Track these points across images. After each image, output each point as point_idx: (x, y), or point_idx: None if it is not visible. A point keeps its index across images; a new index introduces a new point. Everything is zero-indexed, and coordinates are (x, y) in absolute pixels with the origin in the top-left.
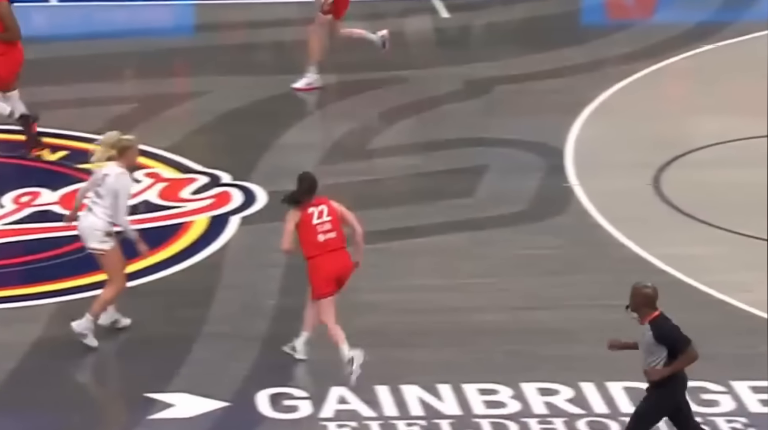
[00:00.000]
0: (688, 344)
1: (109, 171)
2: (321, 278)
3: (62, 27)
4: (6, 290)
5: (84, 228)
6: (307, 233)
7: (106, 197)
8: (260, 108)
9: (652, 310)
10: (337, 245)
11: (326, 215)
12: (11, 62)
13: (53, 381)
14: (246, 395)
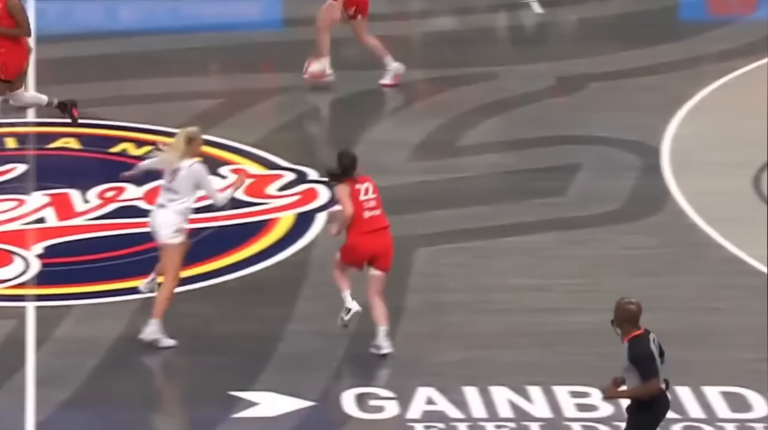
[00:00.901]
0: (651, 375)
1: (179, 164)
2: (354, 255)
3: (148, 21)
4: (90, 286)
5: (157, 224)
6: (354, 208)
7: (180, 191)
8: (348, 104)
9: (634, 328)
10: (381, 224)
11: (371, 192)
12: (17, 55)
13: (136, 377)
14: (331, 395)
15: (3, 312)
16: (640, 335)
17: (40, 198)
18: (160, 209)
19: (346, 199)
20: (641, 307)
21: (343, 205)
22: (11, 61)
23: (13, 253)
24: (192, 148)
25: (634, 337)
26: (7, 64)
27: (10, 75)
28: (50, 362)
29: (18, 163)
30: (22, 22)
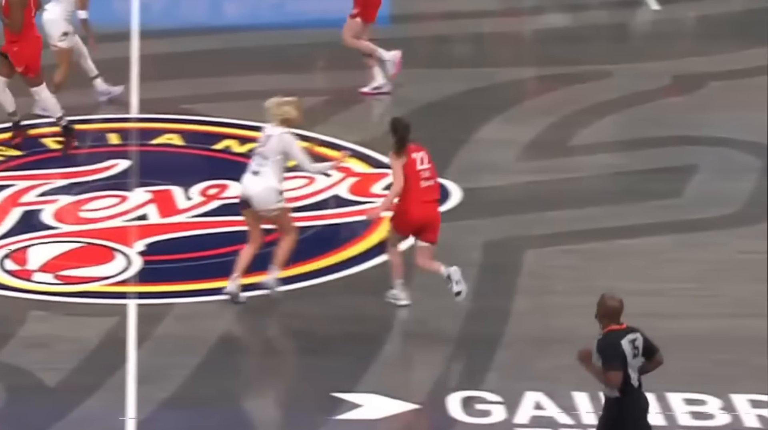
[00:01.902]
0: (610, 368)
1: (271, 132)
2: (406, 223)
3: (253, 17)
4: (192, 284)
5: (257, 193)
6: (410, 177)
7: (272, 158)
8: (456, 102)
9: (613, 322)
10: (434, 195)
11: (426, 162)
12: (28, 49)
13: (237, 377)
14: (437, 398)
15: (104, 310)
16: (616, 330)
17: (143, 195)
18: (255, 177)
19: (400, 170)
20: (623, 304)
21: (395, 176)
22: (29, 57)
23: (114, 250)
24: (291, 116)
25: (609, 331)
26: (28, 64)
27: (33, 71)
28: (151, 360)
29: (121, 160)
30: (14, 16)
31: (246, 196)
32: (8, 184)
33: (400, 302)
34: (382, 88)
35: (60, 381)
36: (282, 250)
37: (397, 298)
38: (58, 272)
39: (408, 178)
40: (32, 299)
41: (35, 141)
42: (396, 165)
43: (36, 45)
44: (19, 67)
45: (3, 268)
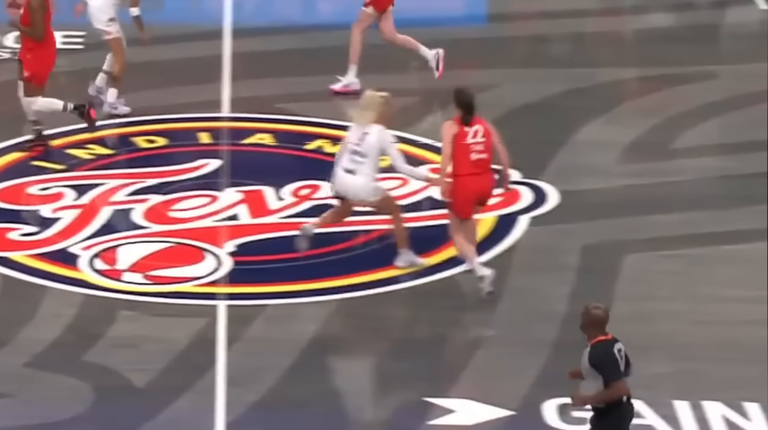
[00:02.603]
0: (616, 378)
1: (369, 129)
2: (464, 199)
3: (347, 15)
4: (283, 286)
5: (353, 190)
6: (460, 149)
7: (369, 155)
8: (554, 103)
9: (600, 333)
10: (485, 166)
11: (481, 135)
12: (42, 59)
13: (328, 381)
14: (532, 404)
15: (194, 310)
16: (606, 340)
17: (234, 195)
18: (350, 175)
19: (449, 140)
20: (608, 313)
21: (443, 145)
22: (39, 68)
23: (205, 250)
24: (384, 112)
25: (598, 341)
26: (35, 73)
27: (40, 82)
28: (241, 362)
29: (212, 159)
30: (35, 23)
31: (342, 193)
32: (98, 183)
33: (483, 272)
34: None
35: (149, 382)
36: (398, 231)
37: (477, 273)
38: (147, 272)
39: (457, 151)
40: (121, 299)
41: (125, 140)
42: (447, 133)
43: (49, 56)
44: (27, 73)
45: (92, 267)
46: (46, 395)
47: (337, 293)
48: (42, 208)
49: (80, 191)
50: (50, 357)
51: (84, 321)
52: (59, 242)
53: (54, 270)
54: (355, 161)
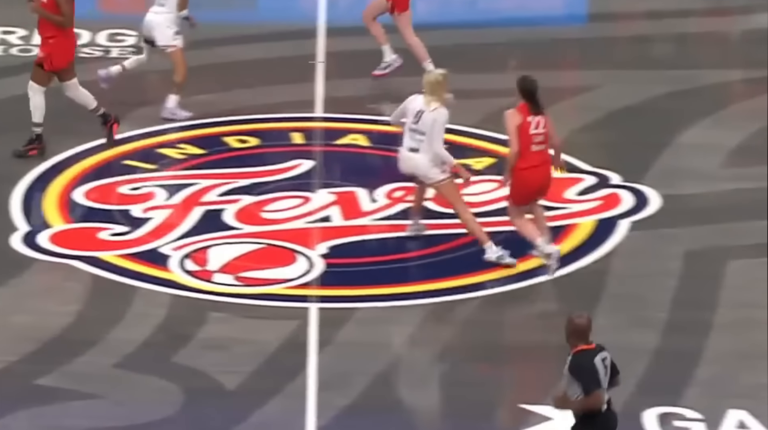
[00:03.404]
0: (593, 388)
1: (423, 107)
2: (524, 192)
3: (443, 14)
4: (375, 289)
5: (419, 168)
6: (523, 141)
7: (428, 133)
8: (657, 105)
9: (581, 342)
10: (545, 158)
11: (542, 126)
12: (63, 47)
13: (421, 386)
14: (632, 413)
15: (285, 313)
16: (587, 350)
17: (326, 196)
18: (413, 153)
19: (515, 132)
20: (591, 322)
21: (510, 139)
22: (57, 52)
23: (296, 252)
24: (441, 91)
25: (580, 350)
26: (52, 55)
27: (54, 66)
28: (332, 365)
29: (304, 160)
30: (65, 11)
31: (408, 173)
32: (190, 183)
33: (549, 250)
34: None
35: (239, 384)
36: (467, 226)
37: (543, 250)
38: (238, 274)
39: (521, 142)
40: (212, 300)
41: (217, 140)
42: (512, 124)
43: (70, 46)
44: (41, 54)
45: (183, 268)
46: (135, 396)
47: (430, 296)
48: (133, 208)
49: (171, 191)
50: (140, 358)
51: (174, 322)
52: (150, 242)
53: (144, 270)
54: (416, 140)
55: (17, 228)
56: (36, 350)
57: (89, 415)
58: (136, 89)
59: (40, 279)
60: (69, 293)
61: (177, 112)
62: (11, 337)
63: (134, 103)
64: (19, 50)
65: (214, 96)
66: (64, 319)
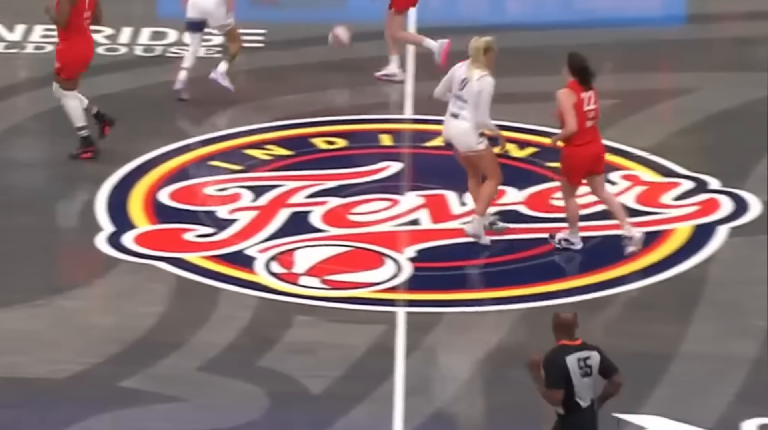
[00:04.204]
0: (551, 385)
1: (470, 75)
2: (579, 167)
3: (537, 15)
4: (463, 294)
5: (454, 135)
6: (576, 117)
7: (470, 101)
8: (756, 108)
9: (564, 337)
10: (596, 133)
11: (593, 102)
12: (73, 52)
13: (509, 392)
14: (730, 423)
15: (372, 317)
16: (566, 346)
17: (415, 199)
18: (454, 120)
19: (571, 110)
20: (576, 318)
21: (566, 116)
22: (68, 58)
23: (384, 255)
24: (488, 59)
25: (558, 345)
26: (65, 65)
27: (68, 75)
28: (420, 371)
29: (393, 162)
30: (61, 10)
31: (447, 138)
32: (276, 185)
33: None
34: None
35: (325, 389)
36: (483, 193)
37: (571, 243)
38: (324, 277)
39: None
40: (298, 303)
41: (304, 141)
42: (567, 102)
43: (80, 50)
44: (57, 64)
45: (269, 271)
46: (219, 399)
47: (521, 302)
48: (218, 209)
49: (258, 193)
50: (224, 361)
51: (259, 325)
52: (235, 244)
53: (229, 272)
54: (457, 106)
55: (102, 228)
56: (120, 352)
57: (172, 418)
58: (221, 90)
59: (125, 280)
60: (153, 294)
61: (222, 79)
62: (95, 338)
63: (220, 103)
64: (105, 49)
65: (302, 96)
66: (148, 320)
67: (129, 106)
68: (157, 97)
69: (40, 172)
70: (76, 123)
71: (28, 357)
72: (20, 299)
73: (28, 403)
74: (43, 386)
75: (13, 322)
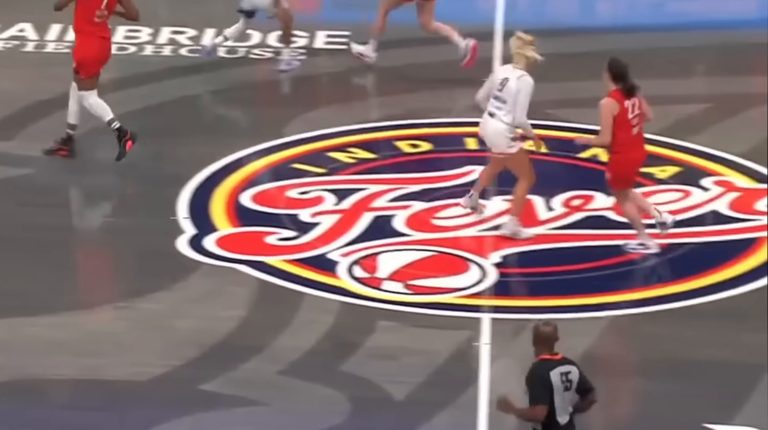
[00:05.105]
0: (536, 401)
1: (509, 74)
2: (625, 174)
3: (628, 17)
4: (550, 300)
5: (489, 134)
6: (623, 126)
7: (508, 101)
8: None
9: (545, 351)
10: (641, 139)
11: (637, 108)
12: (90, 49)
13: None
14: None
15: (456, 322)
16: (548, 360)
17: (500, 204)
18: (491, 119)
19: (609, 121)
20: (557, 330)
21: (603, 127)
22: (85, 57)
23: (468, 260)
24: (530, 57)
25: (540, 360)
26: (80, 63)
27: (86, 73)
28: (505, 378)
29: (478, 166)
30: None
31: (482, 137)
32: (359, 188)
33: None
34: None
35: (408, 395)
36: (516, 194)
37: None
38: (408, 282)
39: (618, 129)
40: (380, 308)
41: (389, 144)
42: (607, 112)
43: (96, 47)
44: (74, 62)
45: (351, 275)
46: (301, 404)
47: (609, 309)
48: (301, 212)
49: (340, 196)
50: (306, 365)
51: (341, 330)
52: (318, 247)
53: (311, 276)
54: (495, 106)
55: (184, 231)
56: (200, 355)
57: (253, 422)
58: (306, 92)
59: (206, 283)
60: (234, 297)
61: (291, 62)
62: (175, 341)
63: (303, 105)
64: (188, 50)
65: (389, 99)
66: (228, 324)
67: (211, 107)
68: (240, 99)
69: (122, 174)
70: (104, 117)
71: (110, 359)
72: (102, 301)
73: (108, 405)
74: (123, 388)
75: (94, 324)
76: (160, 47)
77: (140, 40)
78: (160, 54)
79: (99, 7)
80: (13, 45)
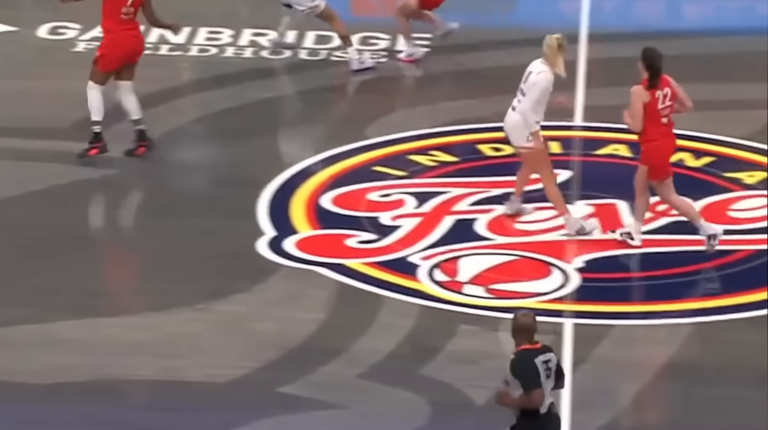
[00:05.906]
0: (531, 386)
1: (534, 68)
2: (661, 162)
3: (717, 21)
4: (633, 306)
5: (508, 128)
6: (652, 116)
7: (528, 94)
8: None
9: (525, 341)
10: (671, 127)
11: (669, 98)
12: (114, 44)
13: (682, 408)
14: None
15: (538, 327)
16: (530, 349)
17: (584, 208)
18: (511, 112)
19: (639, 109)
20: (536, 321)
21: (633, 113)
22: (107, 52)
23: (551, 265)
24: (556, 55)
25: (522, 349)
26: (102, 55)
27: (103, 67)
28: (587, 384)
29: (562, 170)
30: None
31: (505, 130)
32: (441, 191)
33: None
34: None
35: (488, 400)
36: (550, 196)
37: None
38: (489, 286)
39: (647, 119)
40: (461, 312)
41: (471, 147)
42: (638, 100)
43: (123, 47)
44: (97, 53)
45: (432, 278)
46: (380, 408)
47: (694, 315)
48: (381, 215)
49: (421, 199)
50: (386, 369)
51: (421, 333)
52: (398, 250)
53: (392, 279)
54: (518, 99)
55: (264, 233)
56: (279, 358)
57: (332, 425)
58: (387, 94)
59: (285, 285)
60: (314, 300)
61: (365, 61)
62: (255, 344)
63: (384, 108)
64: (270, 53)
65: (471, 102)
66: (308, 327)
67: (292, 109)
68: (321, 101)
69: (202, 175)
70: (92, 117)
71: (188, 361)
72: (181, 303)
73: (186, 406)
74: (201, 389)
75: (173, 325)
76: (242, 49)
77: (221, 42)
78: (241, 56)
79: (125, 4)
80: (94, 46)
